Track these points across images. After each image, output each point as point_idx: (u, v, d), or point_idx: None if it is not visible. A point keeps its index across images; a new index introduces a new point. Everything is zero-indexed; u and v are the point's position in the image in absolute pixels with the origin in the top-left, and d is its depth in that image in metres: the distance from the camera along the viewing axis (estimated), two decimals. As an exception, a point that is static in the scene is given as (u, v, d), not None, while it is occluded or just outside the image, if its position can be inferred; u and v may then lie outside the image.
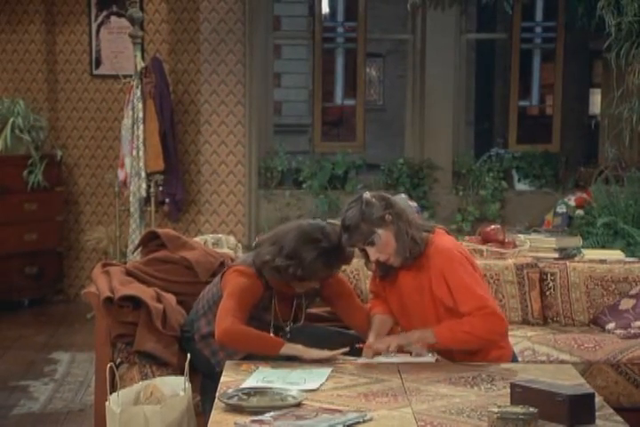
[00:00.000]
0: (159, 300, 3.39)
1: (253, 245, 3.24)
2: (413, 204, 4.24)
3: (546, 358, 3.50)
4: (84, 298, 3.60)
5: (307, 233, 3.03)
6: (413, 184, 6.23)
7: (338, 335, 3.22)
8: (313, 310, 3.54)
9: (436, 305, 2.99)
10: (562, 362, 3.41)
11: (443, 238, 3.04)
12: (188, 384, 2.79)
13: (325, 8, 11.09)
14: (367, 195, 3.01)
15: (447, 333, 2.93)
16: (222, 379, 2.72)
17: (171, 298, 3.47)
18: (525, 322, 3.88)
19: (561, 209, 5.82)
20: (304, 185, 6.26)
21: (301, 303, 3.20)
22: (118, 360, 3.33)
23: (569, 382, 2.71)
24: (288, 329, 3.18)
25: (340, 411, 2.43)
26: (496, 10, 6.94)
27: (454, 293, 2.94)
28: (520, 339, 3.59)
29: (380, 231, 2.96)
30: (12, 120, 5.97)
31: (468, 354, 2.99)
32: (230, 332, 2.98)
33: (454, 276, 2.95)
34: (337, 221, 3.10)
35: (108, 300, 3.33)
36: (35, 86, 6.38)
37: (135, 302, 3.34)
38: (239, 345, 3.03)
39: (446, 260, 2.97)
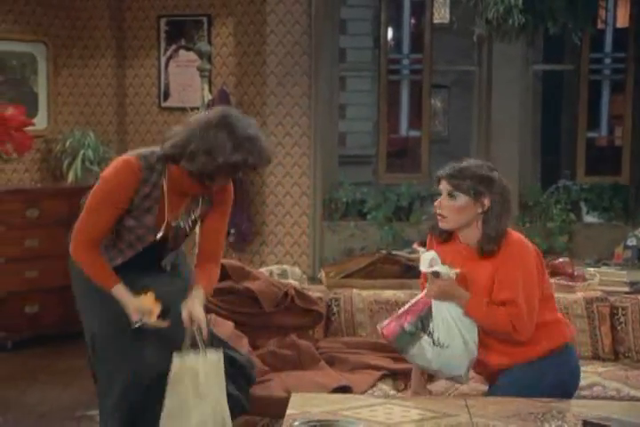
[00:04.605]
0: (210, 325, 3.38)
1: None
2: None
3: (616, 393, 3.40)
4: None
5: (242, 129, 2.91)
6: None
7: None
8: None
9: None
10: (633, 399, 3.32)
11: (517, 234, 3.06)
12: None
13: (391, 40, 11.16)
14: (498, 175, 3.04)
15: (480, 308, 2.96)
16: (288, 411, 2.70)
17: (227, 324, 3.47)
18: (596, 357, 3.79)
19: (631, 242, 5.69)
20: (368, 216, 6.25)
21: (191, 209, 3.06)
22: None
23: (643, 420, 2.63)
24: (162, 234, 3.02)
25: (406, 446, 2.40)
26: (564, 41, 6.88)
27: (500, 284, 2.95)
28: (590, 374, 3.51)
29: (469, 199, 2.98)
30: (82, 152, 6.09)
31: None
32: (76, 256, 3.01)
33: (513, 271, 2.95)
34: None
35: None
36: (105, 119, 6.51)
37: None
38: (83, 269, 3.03)
39: (517, 253, 2.98)
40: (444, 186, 3.02)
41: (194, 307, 2.97)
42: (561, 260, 4.17)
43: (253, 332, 3.62)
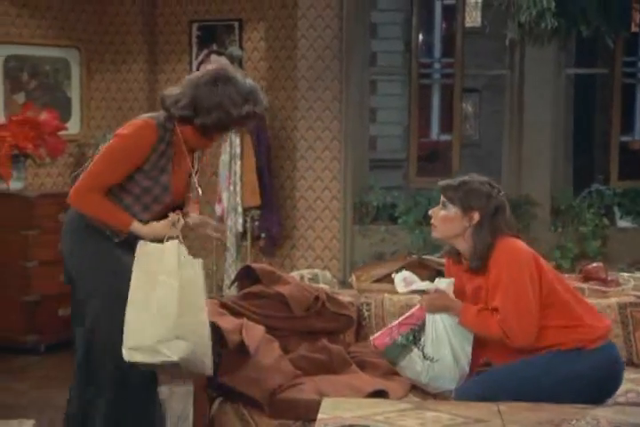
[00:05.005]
0: (241, 332, 3.38)
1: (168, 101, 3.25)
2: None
3: (651, 401, 3.36)
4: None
5: (237, 79, 3.16)
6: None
7: None
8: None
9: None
10: (669, 406, 3.27)
11: (509, 242, 3.05)
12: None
13: (421, 44, 11.15)
14: (497, 192, 3.10)
15: (471, 316, 3.01)
16: (319, 416, 2.70)
17: (258, 329, 3.48)
18: (630, 363, 3.75)
19: (666, 247, 5.65)
20: (399, 220, 6.23)
21: (195, 167, 3.28)
22: (215, 394, 3.35)
23: (679, 427, 2.60)
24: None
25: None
26: (596, 44, 6.83)
27: (491, 293, 3.00)
28: (624, 381, 3.46)
29: (458, 211, 3.05)
30: (114, 156, 6.13)
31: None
32: (84, 204, 3.11)
33: (499, 279, 2.98)
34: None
35: None
36: (137, 123, 6.54)
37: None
38: (89, 213, 3.12)
39: (504, 261, 2.99)
40: (442, 196, 3.13)
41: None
42: (594, 265, 4.13)
43: (284, 336, 3.62)
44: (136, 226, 3.12)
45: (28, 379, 5.09)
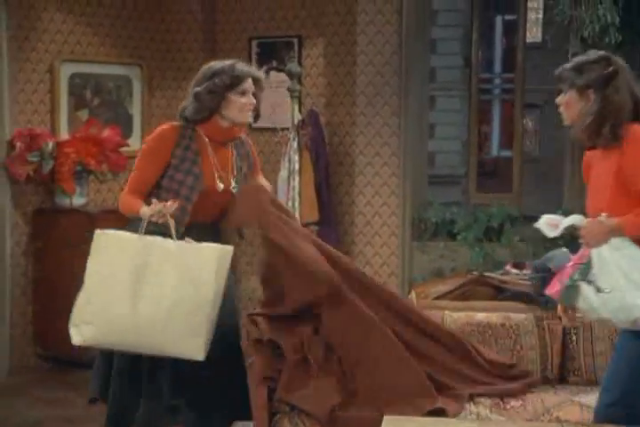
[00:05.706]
0: (302, 348, 3.36)
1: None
2: None
3: None
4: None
5: (212, 64, 3.75)
6: (574, 236, 6.00)
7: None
8: None
9: (614, 192, 2.92)
10: None
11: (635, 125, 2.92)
12: None
13: (481, 59, 11.09)
14: (613, 66, 2.96)
15: (631, 222, 2.87)
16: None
17: (318, 345, 3.45)
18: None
19: None
20: (458, 237, 6.17)
21: (238, 166, 3.71)
22: (275, 410, 3.34)
23: None
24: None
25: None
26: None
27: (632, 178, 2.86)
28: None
29: (573, 93, 2.99)
30: (175, 172, 6.19)
31: None
32: (120, 203, 3.62)
33: (633, 161, 2.86)
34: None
35: (258, 342, 3.37)
36: (197, 139, 6.60)
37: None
38: (123, 212, 3.61)
39: (631, 142, 2.87)
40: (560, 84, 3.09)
41: None
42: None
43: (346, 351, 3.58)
44: (142, 209, 3.48)
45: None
